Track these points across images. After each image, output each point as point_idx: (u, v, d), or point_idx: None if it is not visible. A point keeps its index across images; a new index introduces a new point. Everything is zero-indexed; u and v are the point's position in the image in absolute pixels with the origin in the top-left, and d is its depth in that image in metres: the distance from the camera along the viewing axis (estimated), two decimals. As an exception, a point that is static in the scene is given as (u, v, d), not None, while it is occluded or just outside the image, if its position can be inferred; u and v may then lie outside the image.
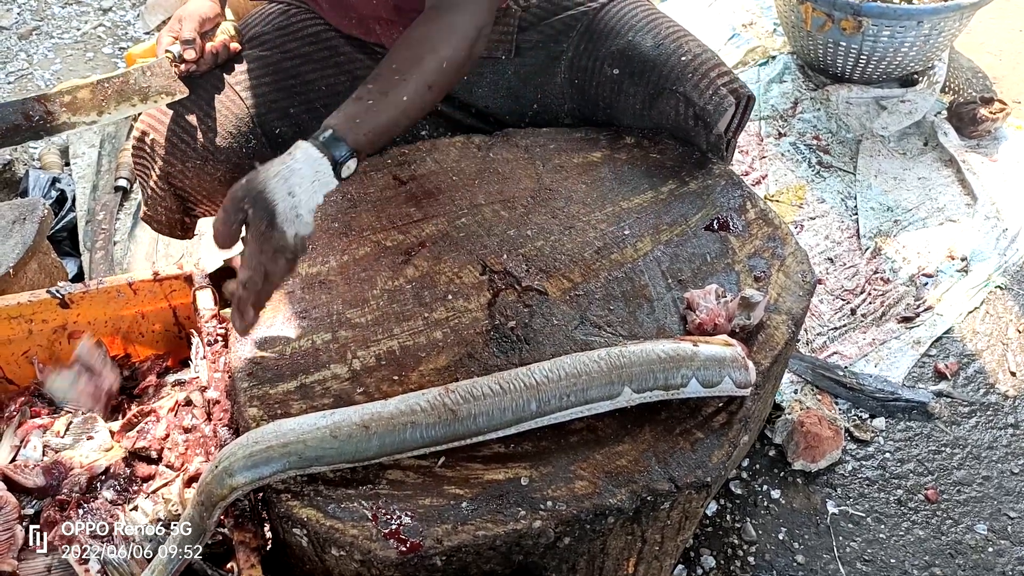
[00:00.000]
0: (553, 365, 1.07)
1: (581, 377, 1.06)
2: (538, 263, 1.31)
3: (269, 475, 1.01)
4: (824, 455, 1.66)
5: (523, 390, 1.04)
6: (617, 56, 1.49)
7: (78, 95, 1.33)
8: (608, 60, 1.49)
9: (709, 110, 1.44)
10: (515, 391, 1.04)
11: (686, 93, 1.44)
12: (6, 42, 2.94)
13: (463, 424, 1.03)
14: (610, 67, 1.49)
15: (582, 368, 1.06)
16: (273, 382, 1.16)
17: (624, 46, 1.48)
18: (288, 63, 1.52)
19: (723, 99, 1.44)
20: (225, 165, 1.46)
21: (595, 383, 1.06)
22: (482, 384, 1.05)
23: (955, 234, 2.15)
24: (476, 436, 1.05)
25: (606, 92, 1.52)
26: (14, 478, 1.25)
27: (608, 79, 1.50)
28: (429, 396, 1.04)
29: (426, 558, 0.99)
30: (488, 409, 1.03)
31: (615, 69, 1.49)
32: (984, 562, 1.54)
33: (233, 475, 1.00)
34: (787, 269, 1.32)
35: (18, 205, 1.80)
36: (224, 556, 1.20)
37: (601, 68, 1.50)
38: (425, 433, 1.02)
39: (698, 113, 1.45)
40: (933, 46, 2.39)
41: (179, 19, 1.43)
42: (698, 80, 1.44)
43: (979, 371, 1.85)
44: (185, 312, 1.50)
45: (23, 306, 1.40)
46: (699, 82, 1.44)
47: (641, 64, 1.47)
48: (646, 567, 1.21)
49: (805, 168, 2.36)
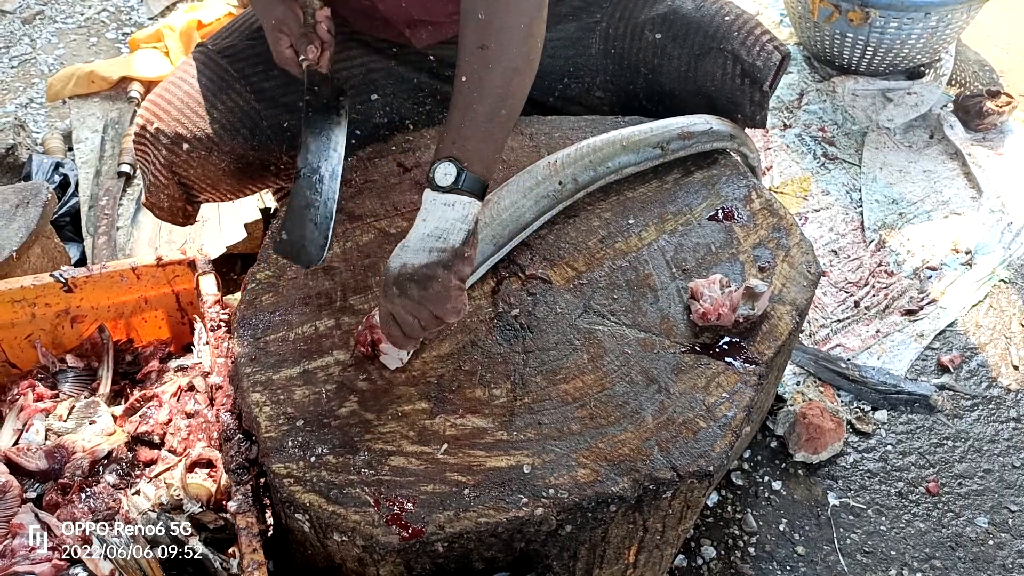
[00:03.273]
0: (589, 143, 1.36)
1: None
2: (542, 251, 1.31)
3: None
4: (826, 447, 1.66)
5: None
6: (659, 21, 1.51)
7: None
8: (648, 25, 1.52)
9: (759, 66, 1.47)
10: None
11: (734, 51, 1.47)
12: (9, 27, 2.93)
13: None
14: (651, 32, 1.52)
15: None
16: (276, 368, 1.16)
17: (665, 11, 1.52)
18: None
19: (770, 55, 1.48)
20: (230, 156, 1.44)
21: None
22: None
23: (960, 227, 2.15)
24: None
25: (648, 56, 1.53)
26: (17, 461, 1.25)
27: (649, 44, 1.52)
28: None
29: (428, 544, 1.00)
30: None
31: (657, 34, 1.51)
32: (984, 555, 1.54)
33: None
34: (792, 259, 1.32)
35: (22, 189, 1.79)
36: (226, 541, 1.20)
37: (642, 34, 1.53)
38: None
39: (747, 70, 1.47)
40: (940, 38, 2.37)
41: (276, 30, 1.34)
42: (744, 38, 1.48)
43: (982, 364, 1.85)
44: (188, 297, 1.50)
45: (26, 290, 1.40)
46: (745, 39, 1.48)
47: (684, 26, 1.50)
48: (647, 556, 1.21)
49: (810, 160, 2.35)
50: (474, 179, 1.07)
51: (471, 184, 1.07)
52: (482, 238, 1.24)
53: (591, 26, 1.55)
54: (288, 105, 1.47)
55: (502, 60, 1.08)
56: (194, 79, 1.46)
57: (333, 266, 1.29)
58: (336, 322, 1.21)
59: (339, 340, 1.19)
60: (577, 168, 1.35)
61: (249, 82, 1.46)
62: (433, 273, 1.04)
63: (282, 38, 1.33)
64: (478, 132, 1.08)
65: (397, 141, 1.49)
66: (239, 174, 1.47)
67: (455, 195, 1.06)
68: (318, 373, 1.15)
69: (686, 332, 1.21)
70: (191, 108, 1.43)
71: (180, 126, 1.41)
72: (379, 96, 1.52)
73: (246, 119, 1.44)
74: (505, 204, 1.28)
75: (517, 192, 1.30)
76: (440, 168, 1.06)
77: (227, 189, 1.52)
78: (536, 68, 1.14)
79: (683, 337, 1.20)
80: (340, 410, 1.11)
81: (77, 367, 1.45)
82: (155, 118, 1.43)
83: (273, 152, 1.47)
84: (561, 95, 1.60)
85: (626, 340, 1.19)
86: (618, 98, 1.60)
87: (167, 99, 1.44)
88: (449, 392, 1.13)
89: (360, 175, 1.43)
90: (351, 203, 1.39)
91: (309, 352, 1.18)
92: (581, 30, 1.55)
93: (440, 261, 1.04)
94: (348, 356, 1.17)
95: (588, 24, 1.55)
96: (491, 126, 1.09)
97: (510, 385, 1.14)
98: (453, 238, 1.05)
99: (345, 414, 1.11)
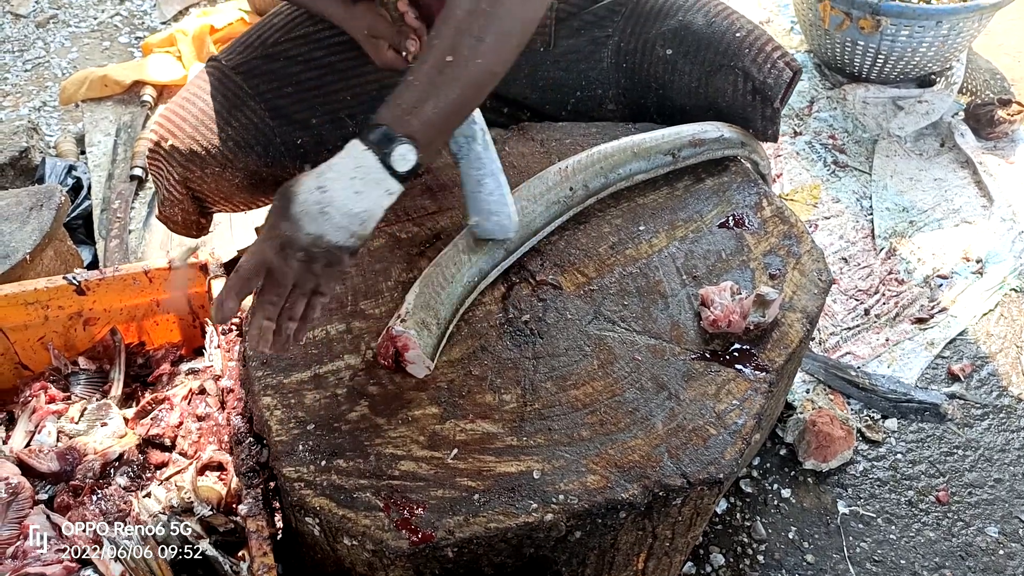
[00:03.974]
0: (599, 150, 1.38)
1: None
2: (552, 257, 1.31)
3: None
4: (835, 455, 1.65)
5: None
6: (669, 36, 1.51)
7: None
8: (659, 41, 1.51)
9: (769, 83, 1.46)
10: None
11: (745, 68, 1.47)
12: (23, 30, 2.96)
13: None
14: (662, 47, 1.51)
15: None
16: (287, 372, 1.16)
17: (676, 26, 1.51)
18: (311, 73, 1.49)
19: (781, 72, 1.47)
20: (243, 172, 1.45)
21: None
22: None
23: (970, 236, 2.14)
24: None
25: (659, 72, 1.53)
26: (29, 463, 1.26)
27: (660, 59, 1.52)
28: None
29: (437, 549, 1.00)
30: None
31: (668, 49, 1.51)
32: (995, 565, 1.53)
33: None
34: (802, 267, 1.32)
35: (35, 192, 1.80)
36: (236, 545, 1.21)
37: (652, 49, 1.52)
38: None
39: (757, 87, 1.47)
40: (951, 47, 2.37)
41: (371, 38, 1.32)
42: (755, 55, 1.47)
43: (992, 373, 1.84)
44: (200, 301, 1.51)
45: (39, 292, 1.41)
46: (756, 56, 1.47)
47: (695, 43, 1.49)
48: (656, 563, 1.21)
49: (820, 167, 2.35)
50: (416, 169, 0.99)
51: (414, 174, 0.99)
52: (493, 244, 1.24)
53: (603, 40, 1.55)
54: (301, 122, 1.47)
55: (455, 15, 1.01)
56: (208, 95, 1.46)
57: (344, 270, 1.29)
58: (347, 326, 1.22)
59: (350, 345, 1.19)
60: (588, 174, 1.35)
61: (263, 99, 1.46)
62: (341, 257, 0.98)
63: (380, 43, 1.31)
64: (446, 122, 1.03)
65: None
66: (253, 189, 1.48)
67: (388, 174, 0.97)
68: (329, 377, 1.16)
69: (696, 339, 1.21)
70: (205, 125, 1.43)
71: (194, 143, 1.42)
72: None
73: (260, 136, 1.45)
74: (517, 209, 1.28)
75: (528, 197, 1.30)
76: (401, 150, 0.97)
77: (241, 202, 1.53)
78: (511, 42, 1.06)
79: (693, 344, 1.20)
80: (350, 414, 1.11)
81: (89, 369, 1.46)
82: (169, 135, 1.43)
83: (287, 168, 1.47)
84: (573, 108, 1.61)
85: (636, 346, 1.19)
86: (630, 112, 1.60)
87: (181, 115, 1.44)
88: (459, 397, 1.13)
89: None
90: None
91: (320, 356, 1.18)
92: (593, 44, 1.56)
93: (354, 248, 0.98)
94: (359, 361, 1.17)
95: (600, 38, 1.55)
96: (462, 114, 1.05)
97: (520, 390, 1.14)
98: (371, 224, 0.98)
99: (355, 418, 1.11)
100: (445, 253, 1.23)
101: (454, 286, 1.20)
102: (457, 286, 1.20)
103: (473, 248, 1.24)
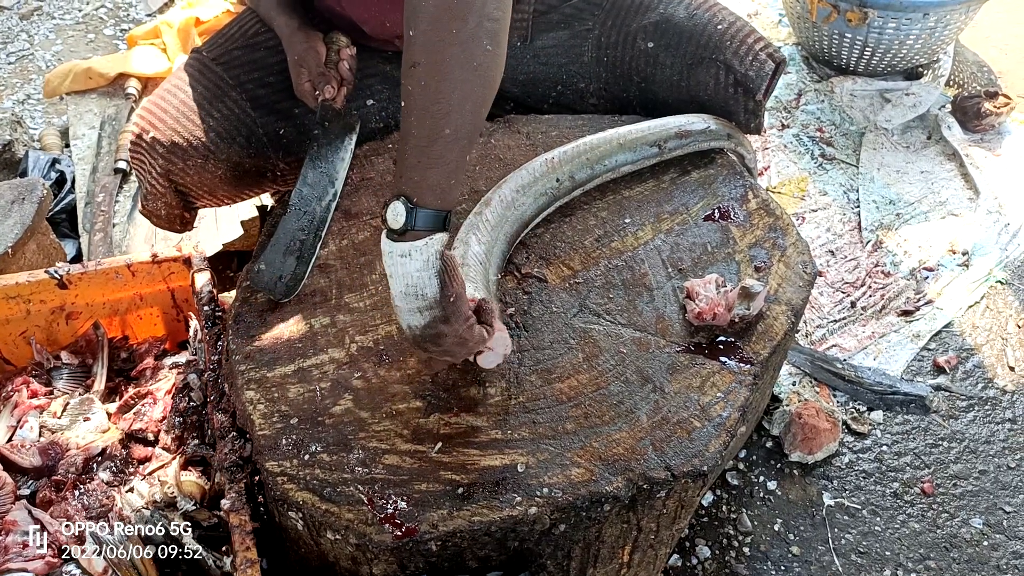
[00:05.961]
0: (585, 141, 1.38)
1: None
2: (538, 250, 1.31)
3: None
4: (821, 447, 1.66)
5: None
6: (651, 29, 1.50)
7: None
8: (641, 34, 1.51)
9: (751, 76, 1.46)
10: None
11: (726, 61, 1.46)
12: (7, 22, 2.93)
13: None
14: (644, 41, 1.51)
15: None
16: (270, 365, 1.16)
17: (657, 19, 1.50)
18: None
19: (763, 64, 1.46)
20: (226, 164, 1.44)
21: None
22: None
23: (957, 228, 2.15)
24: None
25: (640, 65, 1.53)
26: (10, 458, 1.25)
27: (642, 52, 1.51)
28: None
29: (421, 543, 0.99)
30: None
31: (649, 42, 1.50)
32: (979, 556, 1.54)
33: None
34: (788, 260, 1.32)
35: (17, 185, 1.79)
36: (220, 539, 1.20)
37: (634, 43, 1.52)
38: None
39: (739, 80, 1.46)
40: (939, 39, 2.37)
41: (298, 65, 1.38)
42: (737, 47, 1.46)
43: (978, 365, 1.85)
44: (183, 295, 1.50)
45: (21, 286, 1.40)
46: (738, 49, 1.46)
47: (677, 35, 1.49)
48: (641, 555, 1.21)
49: (808, 160, 2.35)
50: (427, 215, 0.95)
51: (425, 221, 0.95)
52: (493, 235, 1.24)
53: (583, 34, 1.54)
54: (283, 112, 1.46)
55: (434, 76, 0.94)
56: (189, 87, 1.45)
57: (328, 264, 1.29)
58: (331, 320, 1.21)
59: (334, 338, 1.19)
60: (574, 166, 1.35)
61: (244, 90, 1.45)
62: (436, 331, 0.98)
63: (303, 72, 1.37)
64: (423, 158, 0.95)
65: (393, 138, 1.49)
66: (236, 181, 1.47)
67: (409, 242, 0.95)
68: (312, 371, 1.15)
69: (681, 332, 1.21)
70: (187, 116, 1.42)
71: (176, 135, 1.40)
72: (375, 101, 1.52)
73: (242, 127, 1.44)
74: (506, 202, 1.28)
75: (516, 188, 1.30)
76: (391, 209, 0.95)
77: (224, 195, 1.51)
78: (490, 78, 0.98)
79: (678, 337, 1.20)
80: (334, 408, 1.11)
81: (72, 364, 1.45)
82: (151, 127, 1.42)
83: (269, 159, 1.47)
84: (555, 102, 1.60)
85: (621, 339, 1.19)
86: (612, 106, 1.59)
87: (163, 107, 1.43)
88: (443, 391, 1.13)
89: (357, 173, 1.43)
90: (347, 200, 1.38)
91: (304, 350, 1.18)
92: (574, 37, 1.55)
93: (434, 319, 0.98)
94: (343, 354, 1.17)
95: (580, 32, 1.54)
96: (436, 148, 0.94)
97: (505, 384, 1.13)
98: (429, 291, 0.96)
99: (339, 412, 1.10)
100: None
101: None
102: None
103: (480, 239, 1.23)
